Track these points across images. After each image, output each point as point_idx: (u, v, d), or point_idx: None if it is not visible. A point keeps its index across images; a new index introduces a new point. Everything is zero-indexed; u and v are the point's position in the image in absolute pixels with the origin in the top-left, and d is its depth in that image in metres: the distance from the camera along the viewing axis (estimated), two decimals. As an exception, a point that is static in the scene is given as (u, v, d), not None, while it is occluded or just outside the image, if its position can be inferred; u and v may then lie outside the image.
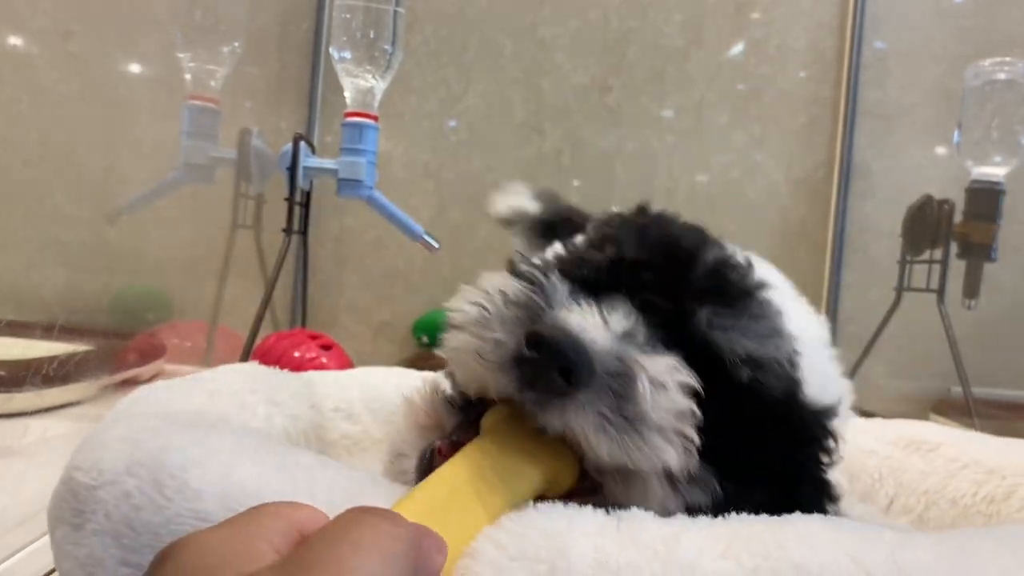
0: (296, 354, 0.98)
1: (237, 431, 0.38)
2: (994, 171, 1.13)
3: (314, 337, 1.01)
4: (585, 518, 0.32)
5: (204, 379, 0.48)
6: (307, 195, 1.13)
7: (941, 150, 1.36)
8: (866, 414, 1.14)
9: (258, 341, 1.00)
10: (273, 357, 0.98)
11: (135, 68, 1.31)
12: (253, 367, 0.53)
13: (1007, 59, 1.11)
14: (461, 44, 1.35)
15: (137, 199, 1.11)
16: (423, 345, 1.32)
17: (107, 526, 0.32)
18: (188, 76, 1.09)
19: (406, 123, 1.35)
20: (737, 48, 1.36)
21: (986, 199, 1.12)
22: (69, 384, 0.94)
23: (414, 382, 0.64)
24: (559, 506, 0.33)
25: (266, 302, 0.99)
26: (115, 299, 1.32)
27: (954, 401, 1.29)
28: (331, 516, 0.26)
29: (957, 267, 1.14)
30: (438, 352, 0.42)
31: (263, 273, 1.15)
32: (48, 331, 1.00)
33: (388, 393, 0.63)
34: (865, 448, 0.64)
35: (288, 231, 1.03)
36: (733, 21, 1.36)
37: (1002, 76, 1.11)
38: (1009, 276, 1.33)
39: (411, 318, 1.34)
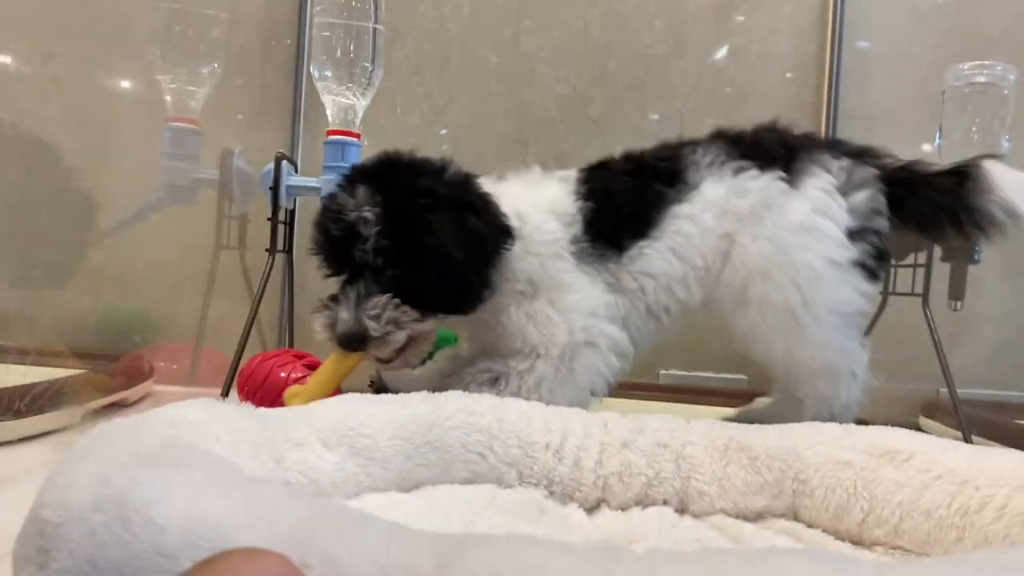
0: (283, 374, 0.98)
1: (205, 463, 0.38)
2: (975, 173, 1.13)
3: (300, 356, 1.01)
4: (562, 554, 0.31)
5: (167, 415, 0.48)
6: (291, 213, 1.14)
7: (924, 152, 1.37)
8: (860, 422, 1.15)
9: (244, 361, 1.00)
10: (259, 378, 0.98)
11: (116, 88, 1.32)
12: (214, 403, 0.53)
13: (986, 62, 1.12)
14: (443, 58, 1.36)
15: (119, 221, 1.11)
16: (412, 360, 1.31)
17: (71, 564, 0.32)
18: (168, 98, 1.09)
19: (390, 137, 1.36)
20: (718, 55, 1.37)
21: (968, 201, 1.13)
22: (51, 411, 0.94)
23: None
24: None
25: (251, 323, 0.99)
26: (101, 320, 1.32)
27: (942, 403, 1.29)
28: (293, 549, 0.26)
29: (942, 270, 1.15)
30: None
31: (249, 293, 1.15)
32: (31, 354, 1.00)
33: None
34: (841, 460, 0.63)
35: (271, 251, 1.03)
36: (713, 28, 1.37)
37: (981, 79, 1.12)
38: (992, 276, 1.33)
39: (399, 333, 1.34)
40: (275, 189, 1.03)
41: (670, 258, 0.86)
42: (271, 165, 1.04)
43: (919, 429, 1.25)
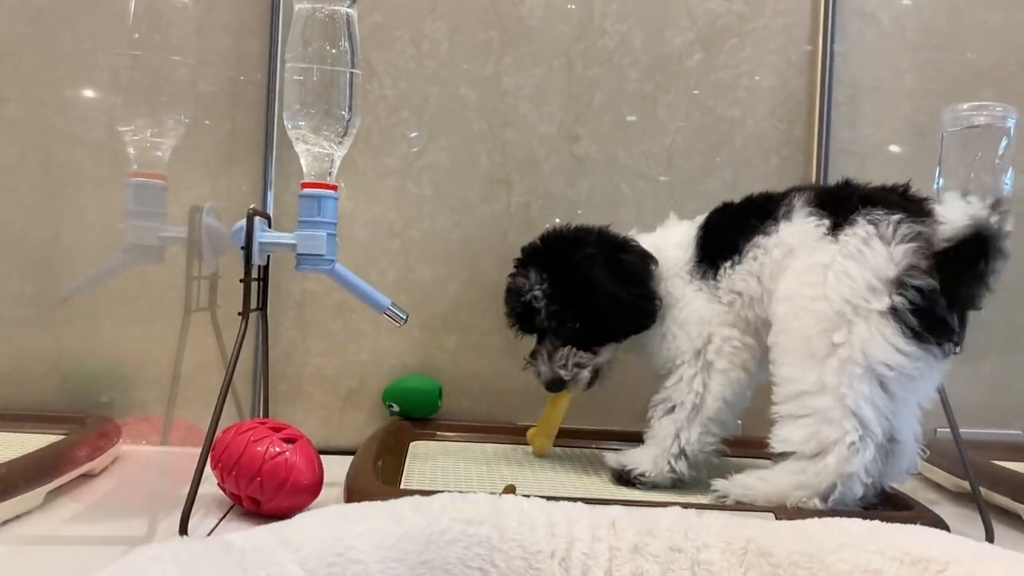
0: (259, 449, 0.92)
1: None
2: (976, 217, 1.09)
3: (278, 429, 0.95)
4: None
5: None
6: (264, 269, 1.08)
7: (917, 186, 1.33)
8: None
9: (218, 432, 0.94)
10: (234, 454, 0.92)
11: (76, 136, 1.24)
12: (178, 549, 0.47)
13: (985, 103, 1.08)
14: (422, 97, 1.30)
15: (82, 283, 1.04)
16: (394, 414, 1.26)
17: None
18: (131, 150, 1.02)
19: (368, 181, 1.30)
20: (705, 91, 1.33)
21: (969, 246, 1.09)
22: (8, 498, 0.87)
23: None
24: None
25: (224, 393, 0.92)
26: (66, 380, 1.25)
27: (940, 444, 1.26)
28: None
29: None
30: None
31: (222, 354, 1.09)
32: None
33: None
34: (870, 568, 0.59)
35: (244, 314, 0.97)
36: (699, 64, 1.33)
37: (981, 120, 1.08)
38: (990, 315, 1.30)
39: (381, 384, 1.28)
40: (247, 248, 0.97)
41: (749, 279, 0.99)
42: (242, 222, 0.97)
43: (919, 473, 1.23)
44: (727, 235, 1.03)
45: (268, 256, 1.09)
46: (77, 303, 1.23)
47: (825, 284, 0.91)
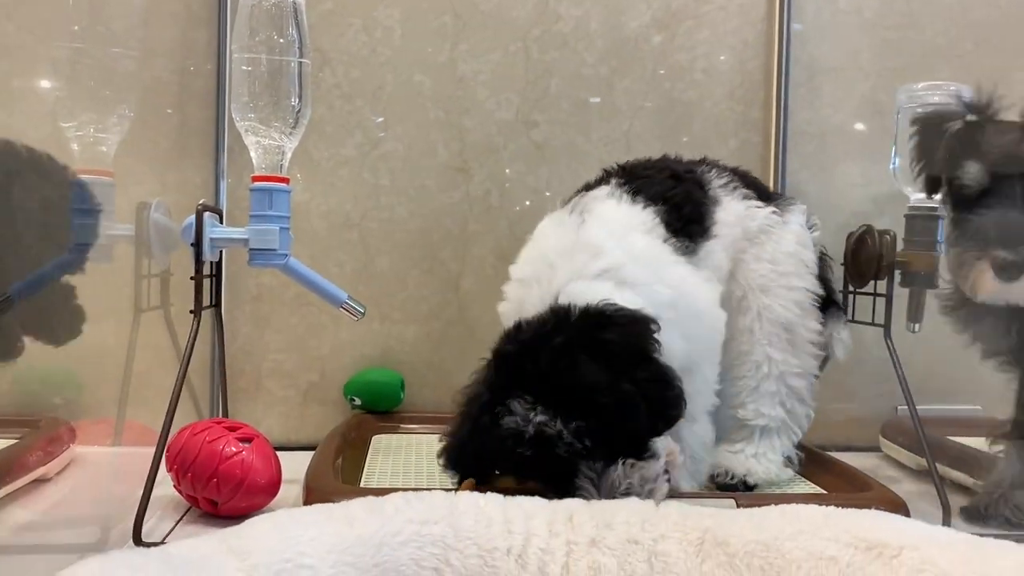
0: (215, 449, 0.91)
1: None
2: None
3: (234, 428, 0.93)
4: None
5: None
6: (217, 265, 1.05)
7: (876, 166, 1.34)
8: (822, 447, 1.11)
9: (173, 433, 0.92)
10: (189, 455, 0.91)
11: (19, 133, 1.20)
12: (118, 562, 0.45)
13: (939, 82, 1.09)
14: (376, 85, 1.28)
15: (25, 284, 1.01)
16: (356, 407, 1.24)
17: None
18: (75, 147, 0.99)
19: (323, 172, 1.28)
20: (662, 74, 1.32)
21: (925, 226, 1.10)
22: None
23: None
24: None
25: (177, 393, 0.90)
26: (16, 382, 1.22)
27: (899, 422, 1.27)
28: None
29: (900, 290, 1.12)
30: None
31: (176, 353, 1.07)
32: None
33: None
34: (825, 555, 0.59)
35: (196, 312, 0.94)
36: (656, 47, 1.32)
37: (936, 99, 1.08)
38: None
39: (342, 378, 1.27)
40: (198, 244, 0.95)
41: (723, 257, 0.96)
42: (192, 218, 0.95)
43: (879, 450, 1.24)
44: (688, 210, 0.97)
45: (221, 252, 1.06)
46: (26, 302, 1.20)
47: (799, 274, 1.01)
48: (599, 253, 0.85)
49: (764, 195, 1.04)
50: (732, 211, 0.98)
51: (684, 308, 0.85)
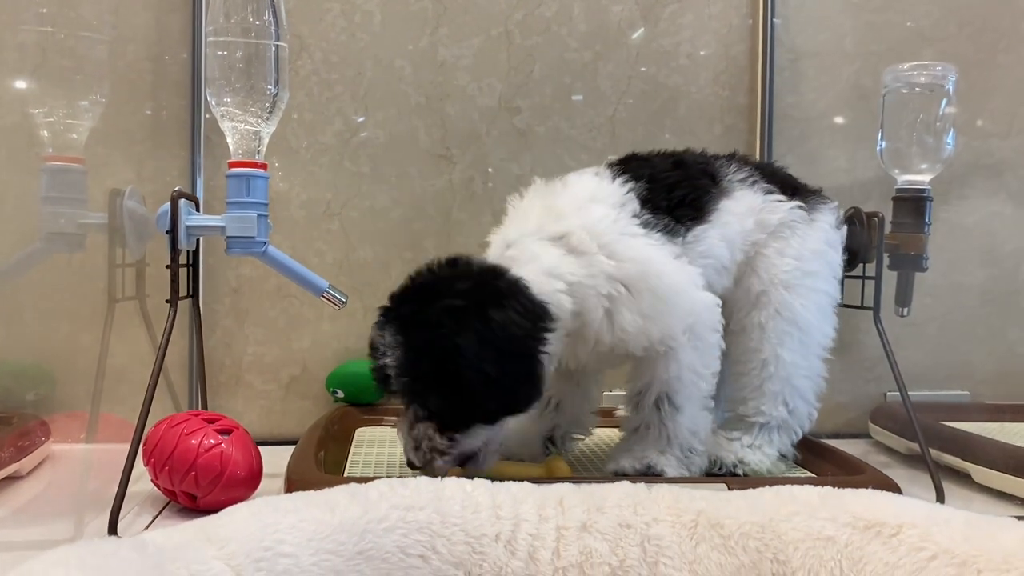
0: (193, 442, 0.88)
1: None
2: (920, 178, 1.09)
3: (212, 420, 0.91)
4: None
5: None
6: (194, 255, 1.03)
7: (861, 150, 1.33)
8: (813, 434, 1.10)
9: (150, 426, 0.89)
10: (167, 448, 0.88)
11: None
12: (91, 553, 0.43)
13: (926, 62, 1.08)
14: (355, 71, 1.25)
15: (-5, 275, 0.98)
16: (339, 400, 1.22)
17: None
18: (45, 133, 0.96)
19: (302, 160, 1.25)
20: (646, 59, 1.30)
21: (914, 208, 1.09)
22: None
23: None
24: None
25: (153, 385, 0.88)
26: (-12, 377, 1.19)
27: (890, 407, 1.26)
28: None
29: (888, 274, 1.11)
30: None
31: (152, 344, 1.04)
32: None
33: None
34: (823, 535, 0.57)
35: (173, 301, 0.92)
36: (640, 32, 1.30)
37: (922, 79, 1.07)
38: (934, 277, 1.31)
39: (324, 370, 1.24)
40: (173, 232, 0.92)
41: (723, 245, 0.93)
42: (167, 205, 0.92)
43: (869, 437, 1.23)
44: (682, 192, 0.95)
45: (197, 241, 1.04)
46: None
47: (822, 276, 1.00)
48: (559, 218, 0.86)
49: (792, 190, 1.00)
50: (745, 203, 0.95)
51: (640, 283, 0.85)
